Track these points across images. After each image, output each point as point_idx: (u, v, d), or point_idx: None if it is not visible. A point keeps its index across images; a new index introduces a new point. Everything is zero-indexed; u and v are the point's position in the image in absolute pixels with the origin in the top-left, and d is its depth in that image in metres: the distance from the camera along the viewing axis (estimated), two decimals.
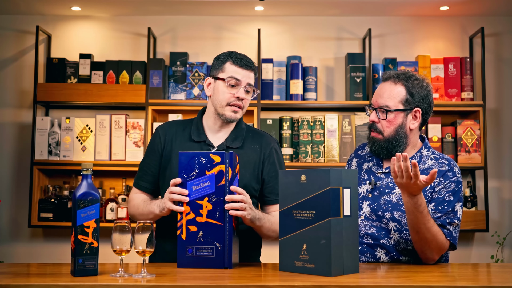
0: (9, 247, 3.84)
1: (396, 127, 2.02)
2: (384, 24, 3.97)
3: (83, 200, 1.65)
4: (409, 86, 2.02)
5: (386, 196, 2.03)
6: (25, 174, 3.87)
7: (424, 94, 2.03)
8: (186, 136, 2.13)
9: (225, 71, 2.07)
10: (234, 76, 2.06)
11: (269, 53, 3.94)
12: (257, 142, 2.16)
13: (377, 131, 2.05)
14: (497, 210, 3.86)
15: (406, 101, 2.02)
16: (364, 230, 2.03)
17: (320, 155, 3.68)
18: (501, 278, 1.78)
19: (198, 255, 1.80)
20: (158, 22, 3.96)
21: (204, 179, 1.82)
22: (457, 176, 2.00)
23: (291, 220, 1.72)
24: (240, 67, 2.06)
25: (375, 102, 2.06)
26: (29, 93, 3.91)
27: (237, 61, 2.07)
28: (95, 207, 1.65)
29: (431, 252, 1.91)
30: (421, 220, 1.85)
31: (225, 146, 2.10)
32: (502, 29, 3.96)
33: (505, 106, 3.92)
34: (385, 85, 2.06)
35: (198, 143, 2.11)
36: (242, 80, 2.06)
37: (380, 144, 2.04)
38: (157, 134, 2.16)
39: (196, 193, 1.82)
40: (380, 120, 2.03)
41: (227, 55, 2.10)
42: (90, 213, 1.64)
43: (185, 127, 2.16)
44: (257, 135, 2.20)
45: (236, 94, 2.06)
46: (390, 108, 2.01)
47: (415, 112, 2.04)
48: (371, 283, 1.59)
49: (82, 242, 1.63)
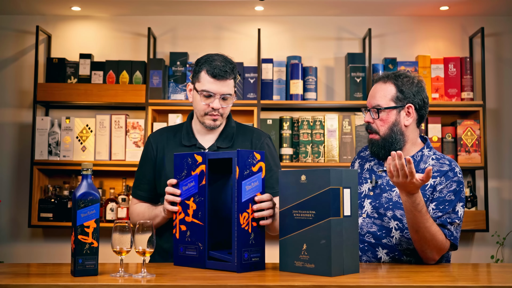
0: (9, 247, 3.84)
1: (390, 125, 2.06)
2: (384, 24, 3.97)
3: (83, 200, 1.64)
4: (398, 84, 2.07)
5: (387, 194, 2.05)
6: (25, 174, 3.87)
7: (416, 90, 2.07)
8: (177, 141, 2.16)
9: (201, 81, 2.06)
10: (206, 89, 2.04)
11: (269, 53, 3.94)
12: (248, 138, 2.18)
13: (373, 132, 2.10)
14: (497, 210, 3.86)
15: (397, 98, 2.06)
16: (366, 229, 2.04)
17: (320, 155, 3.68)
18: (501, 278, 1.78)
19: (186, 254, 1.82)
20: (158, 22, 3.96)
21: (190, 180, 1.84)
22: (458, 176, 2.00)
23: (291, 220, 1.72)
24: (214, 77, 2.03)
25: (368, 104, 2.12)
26: (29, 93, 3.91)
27: (211, 71, 2.03)
28: (95, 207, 1.65)
29: (431, 251, 1.91)
30: (420, 219, 1.86)
31: (215, 147, 2.12)
32: (502, 29, 3.96)
33: (505, 106, 3.92)
34: (376, 86, 2.12)
35: (189, 147, 2.13)
36: (216, 92, 2.05)
37: (378, 144, 2.08)
38: (149, 143, 2.19)
39: (185, 193, 1.85)
40: (374, 120, 2.08)
41: (203, 62, 2.06)
42: (90, 213, 1.64)
43: (176, 132, 2.19)
44: (248, 131, 2.21)
45: (211, 105, 2.06)
46: (381, 106, 2.06)
47: (407, 109, 2.07)
48: (371, 283, 1.59)
49: (82, 242, 1.63)
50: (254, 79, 3.76)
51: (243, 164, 1.74)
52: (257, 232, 1.75)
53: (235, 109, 3.76)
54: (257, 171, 1.76)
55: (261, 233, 1.76)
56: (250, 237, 1.73)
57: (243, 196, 1.74)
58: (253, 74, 3.77)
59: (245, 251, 1.72)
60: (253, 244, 1.74)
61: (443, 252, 1.94)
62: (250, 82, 3.77)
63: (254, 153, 1.76)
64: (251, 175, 1.75)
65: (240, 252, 1.70)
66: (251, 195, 1.75)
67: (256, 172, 1.76)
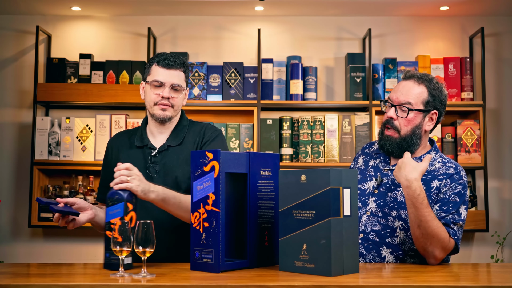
0: (9, 247, 3.84)
1: (413, 126, 2.03)
2: (384, 24, 3.97)
3: (111, 198, 1.76)
4: (431, 88, 2.04)
5: (392, 193, 2.04)
6: (25, 174, 3.87)
7: (443, 98, 2.07)
8: (131, 143, 2.19)
9: (151, 73, 2.12)
10: (156, 78, 2.09)
11: (269, 53, 3.94)
12: (197, 134, 2.18)
13: (393, 129, 2.05)
14: (497, 210, 3.86)
15: (427, 103, 2.04)
16: (370, 227, 2.04)
17: (320, 155, 3.68)
18: (501, 278, 1.78)
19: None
20: (158, 22, 3.96)
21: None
22: (463, 180, 2.01)
23: (291, 220, 1.71)
24: (163, 67, 2.10)
25: (395, 99, 2.05)
26: (29, 93, 3.91)
27: (160, 62, 2.10)
28: (120, 206, 1.75)
29: (433, 248, 1.89)
30: (421, 212, 1.86)
31: (166, 146, 2.14)
32: (502, 29, 3.96)
33: (505, 106, 3.92)
34: (408, 83, 2.06)
35: (141, 148, 2.16)
36: (165, 81, 2.09)
37: (395, 142, 2.05)
38: (107, 147, 2.25)
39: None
40: (399, 117, 2.04)
41: (154, 57, 2.14)
42: (116, 211, 1.75)
43: (131, 135, 2.23)
44: (198, 127, 2.22)
45: (161, 94, 2.09)
46: (412, 106, 2.02)
47: (432, 115, 2.06)
48: (371, 283, 1.59)
49: (109, 238, 1.72)
50: (254, 79, 3.77)
51: (194, 165, 1.75)
52: (209, 232, 1.72)
53: (235, 109, 3.77)
54: (209, 171, 1.73)
55: (214, 235, 1.71)
56: (201, 237, 1.73)
57: (195, 196, 1.75)
58: (253, 74, 3.78)
59: (196, 250, 1.73)
60: (204, 245, 1.72)
61: (447, 251, 1.92)
62: (250, 82, 3.77)
63: (206, 153, 1.74)
64: (203, 175, 1.74)
65: (192, 250, 1.74)
66: (203, 195, 1.74)
67: (208, 172, 1.73)
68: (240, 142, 3.72)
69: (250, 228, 1.80)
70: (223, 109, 3.80)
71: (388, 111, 2.06)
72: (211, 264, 1.71)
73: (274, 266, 1.82)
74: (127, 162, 2.09)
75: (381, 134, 2.10)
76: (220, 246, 1.70)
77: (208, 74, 3.78)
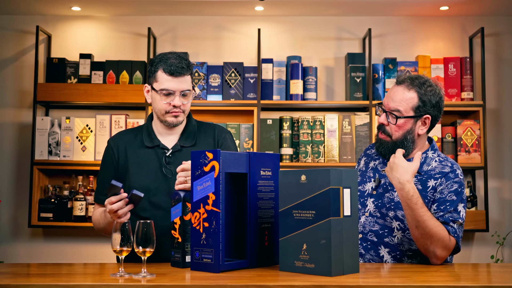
0: (9, 247, 3.84)
1: (404, 132, 2.04)
2: (384, 24, 3.97)
3: (173, 199, 1.84)
4: (421, 93, 2.03)
5: (389, 194, 2.05)
6: (25, 174, 3.87)
7: (436, 101, 2.05)
8: (138, 143, 2.15)
9: (158, 80, 2.06)
10: (166, 88, 2.05)
11: (269, 53, 3.94)
12: (210, 135, 2.18)
13: (385, 134, 2.07)
14: (497, 210, 3.86)
15: (417, 108, 2.03)
16: (368, 227, 2.06)
17: (320, 155, 3.68)
18: (501, 278, 1.78)
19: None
20: (158, 22, 3.96)
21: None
22: (459, 178, 2.01)
23: (291, 220, 1.72)
24: (171, 75, 2.04)
25: (386, 105, 2.06)
26: (29, 93, 3.91)
27: (168, 70, 2.04)
28: (178, 206, 1.82)
29: (434, 247, 1.89)
30: (417, 212, 1.87)
31: (179, 146, 2.13)
32: (502, 29, 3.96)
33: (505, 106, 3.92)
34: (399, 89, 2.06)
35: (152, 148, 2.13)
36: (175, 89, 2.05)
37: (387, 146, 2.07)
38: (109, 147, 2.18)
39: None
40: (390, 123, 2.05)
41: (158, 61, 2.08)
42: (176, 211, 1.82)
43: (136, 134, 2.18)
44: (209, 128, 2.21)
45: (172, 103, 2.06)
46: (401, 113, 2.03)
47: (424, 119, 2.05)
48: (371, 283, 1.59)
49: (173, 237, 1.82)
50: (254, 79, 3.77)
51: (194, 165, 1.75)
52: (209, 232, 1.72)
53: (235, 109, 3.77)
54: (209, 171, 1.73)
55: (214, 235, 1.71)
56: (201, 237, 1.73)
57: (195, 196, 1.75)
58: (253, 74, 3.78)
59: (196, 250, 1.73)
60: (204, 245, 1.72)
61: (449, 250, 1.92)
62: (250, 82, 3.77)
63: (206, 153, 1.74)
64: (203, 175, 1.74)
65: (192, 250, 1.75)
66: (203, 195, 1.74)
67: (208, 171, 1.73)
68: (240, 142, 3.72)
69: (250, 228, 1.80)
70: (223, 109, 3.80)
71: (381, 116, 2.08)
72: (211, 264, 1.71)
73: (274, 266, 1.82)
74: (137, 161, 2.08)
75: (376, 137, 2.13)
76: (220, 246, 1.70)
77: (208, 74, 3.78)
